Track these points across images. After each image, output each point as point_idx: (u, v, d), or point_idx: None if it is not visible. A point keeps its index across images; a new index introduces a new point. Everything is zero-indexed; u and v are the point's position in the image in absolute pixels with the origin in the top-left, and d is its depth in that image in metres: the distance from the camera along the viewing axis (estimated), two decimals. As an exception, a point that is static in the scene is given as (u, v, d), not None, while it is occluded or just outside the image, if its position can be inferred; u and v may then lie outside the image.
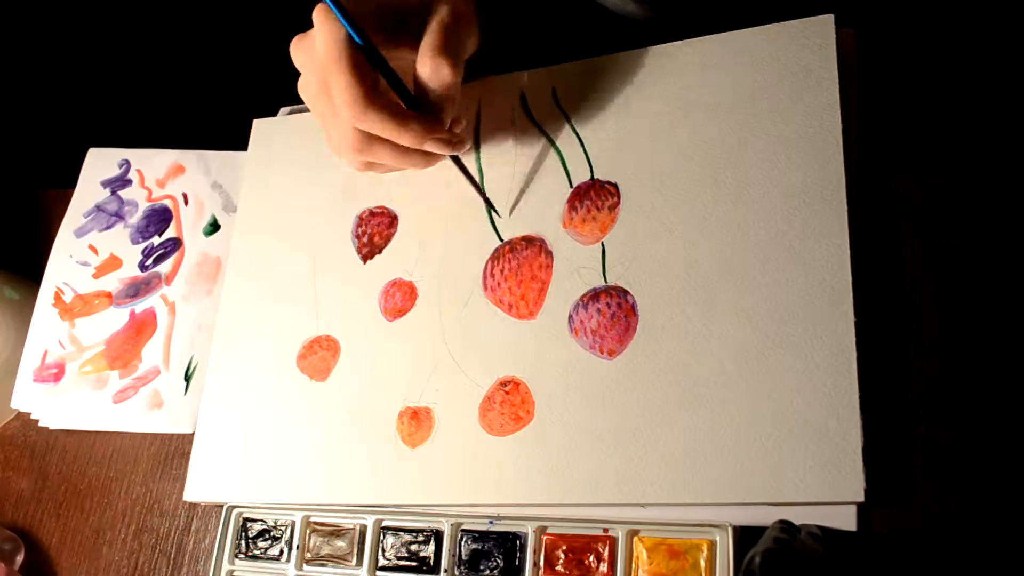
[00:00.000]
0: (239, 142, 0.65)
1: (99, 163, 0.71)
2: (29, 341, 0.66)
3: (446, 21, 0.46)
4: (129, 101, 0.86)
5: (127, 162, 0.70)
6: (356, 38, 0.44)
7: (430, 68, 0.46)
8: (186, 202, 0.67)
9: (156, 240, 0.66)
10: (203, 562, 0.57)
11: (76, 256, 0.68)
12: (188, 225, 0.66)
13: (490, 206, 0.53)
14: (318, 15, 0.44)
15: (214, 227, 0.65)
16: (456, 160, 0.51)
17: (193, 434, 0.57)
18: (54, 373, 0.64)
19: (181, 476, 0.58)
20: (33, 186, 0.76)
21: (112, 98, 0.87)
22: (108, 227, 0.68)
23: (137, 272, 0.65)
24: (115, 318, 0.64)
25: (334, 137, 0.48)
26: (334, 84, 0.45)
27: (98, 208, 0.69)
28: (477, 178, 0.54)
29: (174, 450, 0.61)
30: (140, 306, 0.64)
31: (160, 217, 0.67)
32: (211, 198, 0.66)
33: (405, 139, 0.46)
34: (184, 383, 0.60)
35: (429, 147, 0.47)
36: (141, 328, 0.63)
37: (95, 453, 0.63)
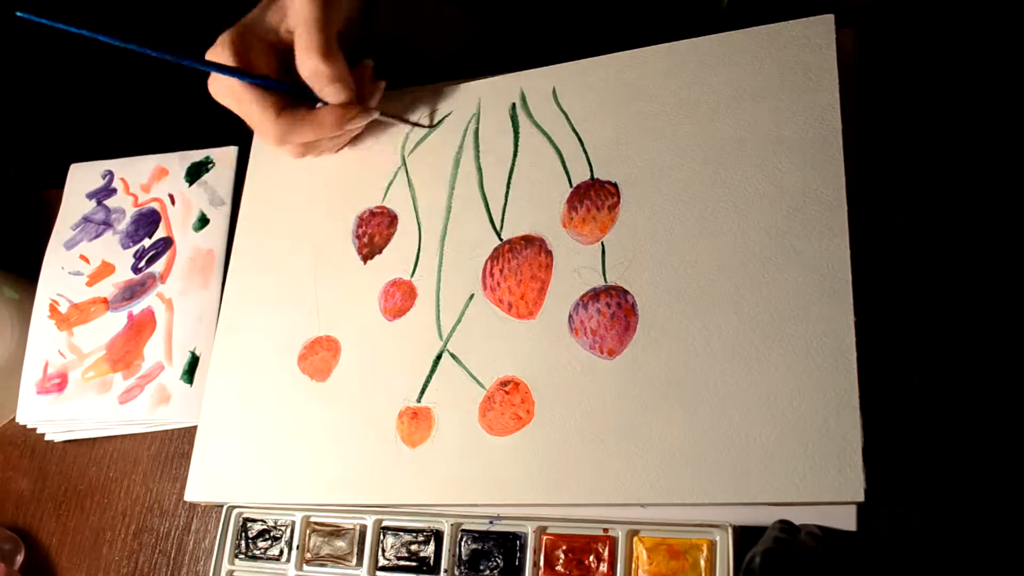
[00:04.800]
0: (241, 142, 0.65)
1: (82, 177, 0.71)
2: (28, 354, 0.65)
3: (309, 17, 0.51)
4: (129, 101, 0.86)
5: (110, 172, 0.70)
6: (248, 79, 0.51)
7: (308, 69, 0.51)
8: (172, 202, 0.67)
9: (147, 242, 0.66)
10: (203, 562, 0.57)
11: (67, 267, 0.67)
12: (177, 223, 0.66)
13: (416, 124, 0.58)
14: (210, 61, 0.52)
15: (203, 222, 0.65)
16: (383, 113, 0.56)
17: (195, 431, 0.57)
18: (57, 383, 0.63)
19: (181, 476, 0.58)
20: (33, 186, 0.76)
21: (112, 98, 0.87)
22: (97, 236, 0.68)
23: (130, 275, 0.65)
24: (113, 322, 0.64)
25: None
26: (248, 120, 0.53)
27: (86, 219, 0.69)
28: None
29: (174, 450, 0.61)
30: (137, 307, 0.64)
31: (149, 220, 0.67)
32: (197, 195, 0.66)
33: (327, 131, 0.53)
34: (189, 375, 0.60)
35: (349, 126, 0.54)
36: (140, 328, 0.63)
37: (95, 453, 0.63)
